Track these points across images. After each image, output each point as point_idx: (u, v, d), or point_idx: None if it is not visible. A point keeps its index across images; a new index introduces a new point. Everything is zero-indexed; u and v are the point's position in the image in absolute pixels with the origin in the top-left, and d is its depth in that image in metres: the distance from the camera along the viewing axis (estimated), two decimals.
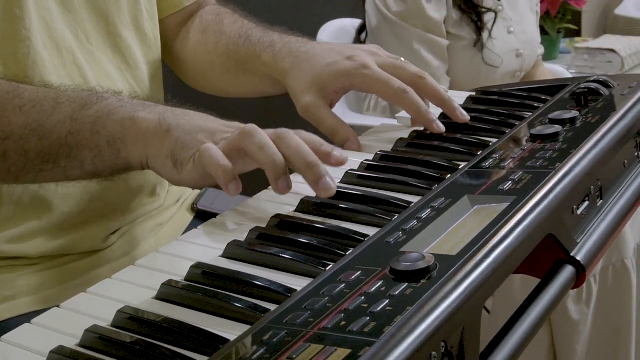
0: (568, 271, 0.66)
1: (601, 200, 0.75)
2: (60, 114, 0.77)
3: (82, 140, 0.76)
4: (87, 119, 0.76)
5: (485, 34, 1.76)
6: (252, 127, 0.71)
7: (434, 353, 0.49)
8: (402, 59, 0.94)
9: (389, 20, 1.73)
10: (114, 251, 0.94)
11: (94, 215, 0.91)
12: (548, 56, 2.47)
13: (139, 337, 0.54)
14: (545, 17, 2.50)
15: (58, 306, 0.60)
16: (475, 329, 0.53)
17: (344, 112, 1.87)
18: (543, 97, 0.97)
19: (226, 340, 0.53)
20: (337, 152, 0.74)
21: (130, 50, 0.97)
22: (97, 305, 0.60)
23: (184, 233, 0.80)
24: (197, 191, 1.13)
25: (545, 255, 0.67)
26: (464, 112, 0.89)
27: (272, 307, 0.56)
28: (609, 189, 0.77)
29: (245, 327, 0.54)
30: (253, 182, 0.81)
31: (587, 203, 0.72)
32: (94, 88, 0.83)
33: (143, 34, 1.00)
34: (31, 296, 0.85)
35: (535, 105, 0.94)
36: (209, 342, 0.53)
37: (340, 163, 0.74)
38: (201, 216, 1.07)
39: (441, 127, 0.87)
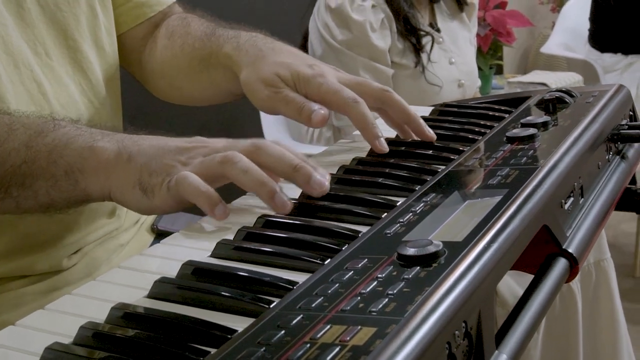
0: (562, 264, 0.66)
1: (582, 198, 0.75)
2: (15, 141, 0.73)
3: (37, 169, 0.72)
4: (43, 147, 0.72)
5: (424, 56, 1.78)
6: (233, 153, 0.68)
7: (456, 332, 0.47)
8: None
9: (334, 49, 1.74)
10: (75, 272, 0.90)
11: (55, 235, 0.87)
12: (482, 91, 2.52)
13: (138, 332, 0.51)
14: (477, 53, 2.55)
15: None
16: (491, 312, 0.52)
17: (285, 141, 1.86)
18: (506, 109, 0.98)
19: (234, 331, 0.50)
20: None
21: (91, 66, 0.93)
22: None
23: None
24: None
25: (537, 250, 0.67)
26: (431, 131, 0.86)
27: (275, 300, 0.53)
28: (588, 188, 0.77)
29: (250, 320, 0.51)
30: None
31: (572, 199, 0.72)
32: (51, 114, 0.79)
33: (102, 49, 0.96)
34: None
35: (500, 115, 0.95)
36: (216, 333, 0.50)
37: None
38: (162, 237, 1.03)
39: (384, 146, 0.81)
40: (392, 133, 0.91)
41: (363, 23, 1.72)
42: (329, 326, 0.46)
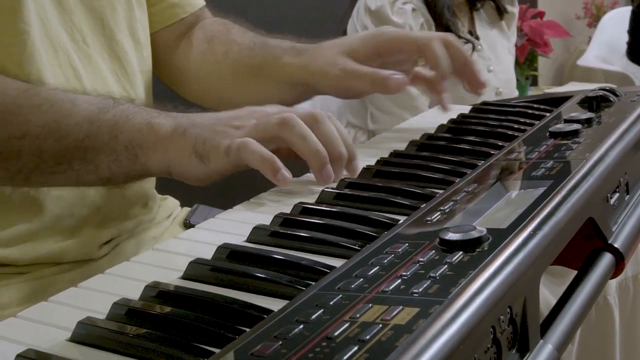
0: (607, 259, 0.64)
1: (628, 195, 0.73)
2: (78, 115, 0.74)
3: (99, 144, 0.74)
4: (104, 122, 0.74)
5: None
6: (292, 116, 0.71)
7: (501, 317, 0.45)
8: None
9: None
10: (106, 262, 0.89)
11: (87, 221, 0.86)
12: None
13: (172, 310, 0.49)
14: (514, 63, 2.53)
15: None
16: (536, 301, 0.50)
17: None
18: (547, 108, 0.96)
19: (270, 311, 0.48)
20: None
21: (127, 55, 0.93)
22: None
23: None
24: (188, 208, 1.09)
25: (580, 245, 0.65)
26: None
27: (311, 283, 0.52)
28: (634, 185, 0.75)
29: (284, 302, 0.50)
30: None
31: (617, 194, 0.70)
32: (108, 92, 0.82)
33: (137, 42, 0.96)
34: (22, 306, 0.79)
35: (540, 114, 0.93)
36: (251, 312, 0.48)
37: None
38: None
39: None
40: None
41: (403, 26, 1.70)
42: (369, 305, 0.44)
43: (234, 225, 0.65)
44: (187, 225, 1.04)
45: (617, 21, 3.15)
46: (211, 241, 0.61)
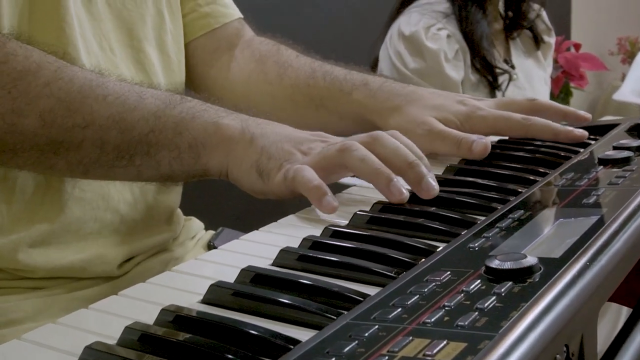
0: None
1: None
2: (144, 109, 0.72)
3: (163, 139, 0.72)
4: (170, 118, 0.72)
5: (499, 94, 1.72)
6: (350, 142, 0.69)
7: (557, 356, 0.40)
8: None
9: (405, 77, 1.68)
10: (126, 282, 0.85)
11: (109, 228, 0.83)
12: None
13: (190, 337, 0.45)
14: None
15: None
16: (594, 339, 0.45)
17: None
18: (592, 136, 0.91)
19: (297, 341, 0.44)
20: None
21: (153, 68, 0.90)
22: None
23: None
24: (212, 231, 1.05)
25: (635, 279, 0.60)
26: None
27: (344, 312, 0.47)
28: None
29: (312, 332, 0.45)
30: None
31: None
32: (182, 82, 0.80)
33: (166, 55, 0.93)
34: (37, 322, 0.76)
35: (585, 142, 0.88)
36: (277, 342, 0.44)
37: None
38: None
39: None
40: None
41: (437, 52, 1.66)
42: (410, 338, 0.39)
43: (259, 248, 0.61)
44: (211, 248, 1.00)
45: None
46: (234, 264, 0.56)
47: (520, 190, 0.70)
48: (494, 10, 1.83)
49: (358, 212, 0.65)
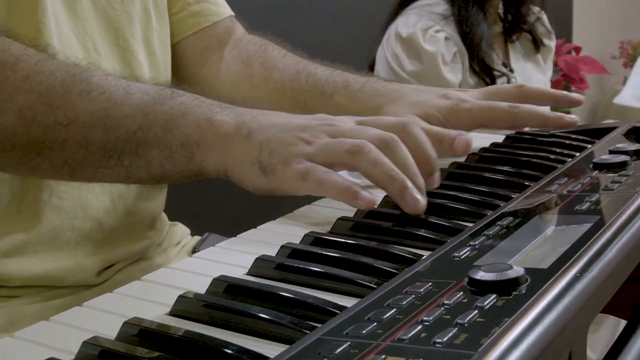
0: None
1: None
2: (131, 105, 0.67)
3: (152, 137, 0.67)
4: (160, 114, 0.67)
5: None
6: (363, 143, 0.64)
7: None
8: None
9: (402, 80, 1.65)
10: (105, 290, 0.82)
11: (88, 237, 0.80)
12: None
13: (153, 352, 0.42)
14: None
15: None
16: (583, 355, 0.42)
17: None
18: (587, 139, 0.88)
19: (266, 358, 0.41)
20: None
21: (141, 67, 0.87)
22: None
23: None
24: (198, 237, 1.02)
25: (630, 290, 0.57)
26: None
27: (318, 325, 0.44)
28: None
29: (285, 347, 0.42)
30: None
31: None
32: (167, 82, 0.74)
33: (153, 54, 0.90)
34: (8, 333, 0.73)
35: (580, 145, 0.85)
36: (245, 358, 0.41)
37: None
38: None
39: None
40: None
41: (435, 54, 1.63)
42: (382, 357, 0.37)
43: (237, 256, 0.58)
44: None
45: None
46: (208, 272, 0.53)
47: (511, 195, 0.67)
48: (494, 13, 1.81)
49: (341, 219, 0.63)
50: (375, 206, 0.62)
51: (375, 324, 0.41)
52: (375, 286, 0.49)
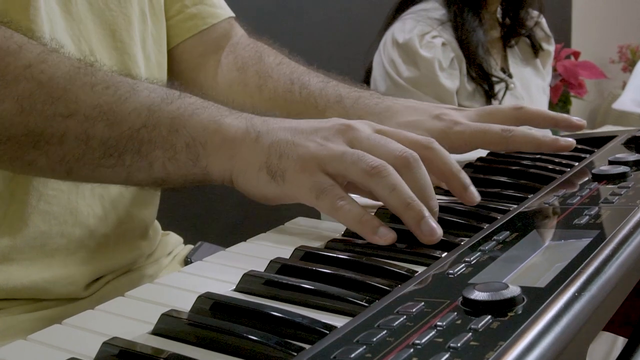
0: None
1: None
2: (137, 102, 0.65)
3: (157, 136, 0.65)
4: (166, 113, 0.65)
5: (495, 103, 1.67)
6: (383, 166, 0.61)
7: None
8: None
9: (399, 86, 1.64)
10: (92, 303, 0.80)
11: (77, 245, 0.78)
12: None
13: None
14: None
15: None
16: None
17: None
18: (587, 148, 0.87)
19: None
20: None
21: (139, 70, 0.85)
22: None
23: None
24: (191, 246, 1.00)
25: (630, 306, 0.55)
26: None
27: (306, 346, 0.43)
28: None
29: None
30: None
31: None
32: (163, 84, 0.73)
33: (147, 58, 0.89)
34: None
35: (578, 155, 0.83)
36: None
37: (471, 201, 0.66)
38: None
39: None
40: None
41: (431, 60, 1.62)
42: None
43: (225, 270, 0.56)
44: (188, 264, 0.96)
45: None
46: (194, 288, 0.52)
47: (509, 208, 0.65)
48: (492, 18, 1.79)
49: (331, 240, 0.61)
50: (394, 241, 0.59)
51: (364, 347, 0.39)
52: (366, 304, 0.47)
